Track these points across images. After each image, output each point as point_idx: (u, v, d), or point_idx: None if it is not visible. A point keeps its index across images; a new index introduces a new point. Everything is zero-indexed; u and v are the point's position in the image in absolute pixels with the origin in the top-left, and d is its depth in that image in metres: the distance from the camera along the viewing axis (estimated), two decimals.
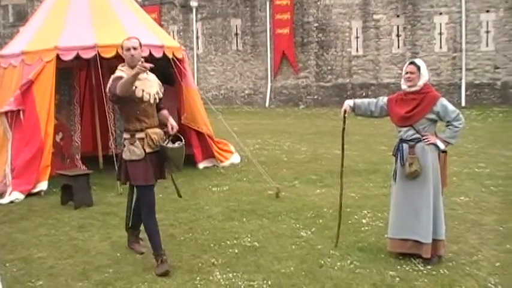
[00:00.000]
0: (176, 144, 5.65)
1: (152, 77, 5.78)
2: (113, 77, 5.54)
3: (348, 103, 6.04)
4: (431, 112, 5.52)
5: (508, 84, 23.60)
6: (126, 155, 5.59)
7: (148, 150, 5.55)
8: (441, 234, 5.60)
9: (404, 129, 5.65)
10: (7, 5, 35.33)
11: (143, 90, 5.53)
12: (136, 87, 5.45)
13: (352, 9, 26.31)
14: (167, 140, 5.68)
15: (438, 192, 5.60)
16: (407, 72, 5.59)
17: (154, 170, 5.64)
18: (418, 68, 5.56)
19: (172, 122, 5.77)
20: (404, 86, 5.65)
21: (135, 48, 5.58)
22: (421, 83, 5.55)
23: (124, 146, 5.65)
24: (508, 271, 5.35)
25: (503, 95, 23.64)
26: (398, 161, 5.67)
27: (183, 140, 5.74)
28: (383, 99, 5.91)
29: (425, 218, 5.51)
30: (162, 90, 5.83)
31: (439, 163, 5.62)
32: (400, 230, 5.67)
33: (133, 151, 5.53)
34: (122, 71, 5.59)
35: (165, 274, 5.39)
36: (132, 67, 5.49)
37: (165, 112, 5.89)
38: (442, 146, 5.56)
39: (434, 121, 5.60)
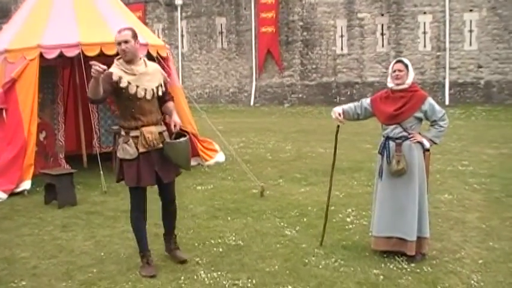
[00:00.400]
0: (173, 140, 5.40)
1: (153, 68, 5.46)
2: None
3: (337, 110, 5.96)
4: (420, 111, 5.53)
5: (490, 83, 23.80)
6: (119, 154, 5.37)
7: (141, 149, 5.30)
8: (425, 232, 5.63)
9: (391, 127, 5.65)
10: None
11: (137, 86, 5.24)
12: (129, 83, 5.21)
13: (337, 8, 26.40)
14: (169, 138, 5.44)
15: (424, 190, 5.62)
16: (395, 70, 5.57)
17: (149, 171, 5.37)
18: (406, 66, 5.57)
19: (175, 119, 5.44)
20: (391, 84, 5.64)
21: (126, 42, 5.24)
22: (409, 81, 5.56)
23: (118, 144, 5.46)
24: (490, 268, 5.39)
25: (486, 94, 23.85)
26: (385, 158, 5.67)
27: (187, 136, 5.47)
28: (366, 101, 5.91)
29: (410, 216, 5.53)
30: (168, 81, 5.55)
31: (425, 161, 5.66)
32: (385, 227, 5.68)
33: (126, 150, 5.30)
34: (115, 66, 5.30)
35: (151, 277, 5.32)
36: (127, 61, 5.28)
37: (170, 105, 5.57)
38: (427, 144, 5.59)
39: (420, 120, 5.63)
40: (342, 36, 26.47)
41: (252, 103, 28.19)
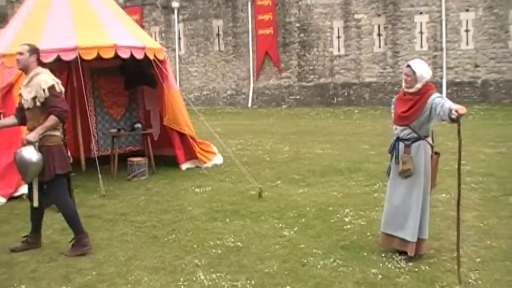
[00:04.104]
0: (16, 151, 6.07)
1: (35, 82, 6.04)
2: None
3: None
4: (425, 110, 5.51)
5: (487, 82, 23.86)
6: None
7: None
8: (425, 234, 5.69)
9: (401, 128, 5.69)
10: None
11: (22, 96, 6.16)
12: (20, 93, 6.21)
13: (333, 9, 26.45)
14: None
15: (427, 193, 5.67)
16: (405, 74, 5.63)
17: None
18: (414, 71, 5.57)
19: (30, 133, 6.02)
20: (403, 85, 5.71)
21: (20, 54, 6.10)
22: (419, 85, 5.55)
23: None
24: (488, 267, 5.41)
25: (483, 93, 23.90)
26: (393, 159, 5.74)
27: (34, 157, 5.92)
28: (393, 102, 5.97)
29: (413, 217, 5.60)
30: (45, 94, 5.97)
31: (431, 164, 5.66)
32: (390, 225, 5.78)
33: None
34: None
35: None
36: (23, 72, 6.30)
37: (48, 118, 5.99)
38: (464, 109, 5.19)
39: (429, 119, 5.57)
40: (338, 37, 26.52)
41: (249, 105, 28.23)
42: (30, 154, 5.90)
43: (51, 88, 6.00)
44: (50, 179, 6.03)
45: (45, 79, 6.05)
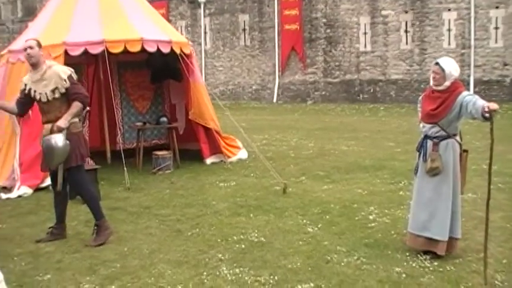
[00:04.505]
0: (45, 137, 6.18)
1: (50, 74, 6.14)
2: None
3: None
4: (454, 108, 5.45)
5: None
6: None
7: None
8: (458, 233, 5.64)
9: (429, 125, 5.64)
10: (16, 0, 35.45)
11: (35, 91, 6.19)
12: (31, 88, 6.21)
13: (361, 5, 26.25)
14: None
15: (457, 191, 5.60)
16: (433, 72, 5.58)
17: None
18: (443, 69, 5.52)
19: (59, 120, 6.10)
20: (431, 83, 5.65)
21: (31, 48, 6.15)
22: (447, 83, 5.50)
23: None
24: None
25: None
26: (421, 156, 5.68)
27: (61, 142, 6.06)
28: (420, 100, 5.91)
29: (441, 216, 5.53)
30: (66, 84, 6.09)
31: (460, 162, 5.61)
32: (415, 225, 5.71)
33: None
34: (27, 74, 6.37)
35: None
36: (32, 66, 6.25)
37: (72, 105, 6.17)
38: (496, 105, 5.07)
39: (459, 117, 5.52)
40: (365, 33, 26.33)
41: (274, 100, 28.19)
42: (58, 140, 6.07)
43: (70, 77, 6.19)
44: (79, 164, 6.32)
45: (63, 69, 6.23)
